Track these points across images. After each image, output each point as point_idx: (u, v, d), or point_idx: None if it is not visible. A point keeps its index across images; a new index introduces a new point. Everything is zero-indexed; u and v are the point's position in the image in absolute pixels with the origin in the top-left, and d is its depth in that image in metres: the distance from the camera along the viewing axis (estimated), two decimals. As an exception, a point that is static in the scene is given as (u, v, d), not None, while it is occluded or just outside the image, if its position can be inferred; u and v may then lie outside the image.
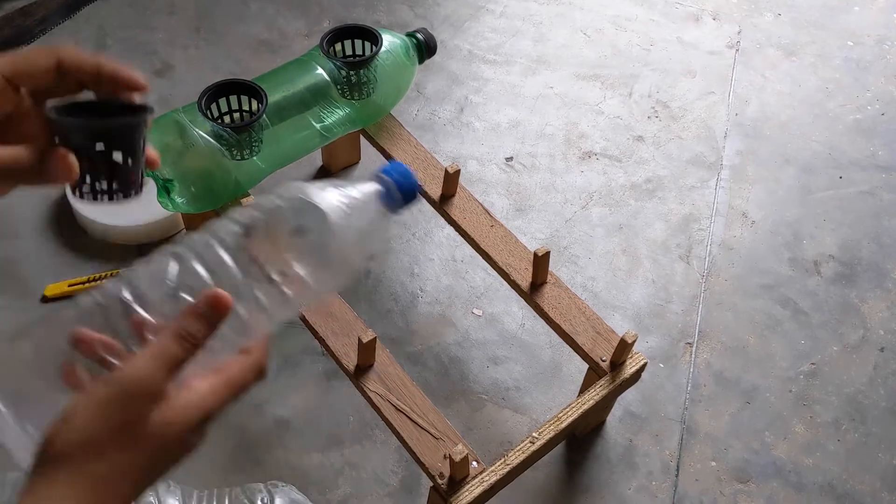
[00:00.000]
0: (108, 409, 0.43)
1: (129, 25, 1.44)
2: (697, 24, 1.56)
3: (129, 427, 0.43)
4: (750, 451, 1.04)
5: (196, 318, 0.46)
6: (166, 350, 0.44)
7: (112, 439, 0.43)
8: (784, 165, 1.35)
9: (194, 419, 0.46)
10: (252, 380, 0.49)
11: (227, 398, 0.47)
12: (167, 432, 0.45)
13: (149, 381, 0.43)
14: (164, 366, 0.44)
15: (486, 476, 0.82)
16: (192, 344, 0.45)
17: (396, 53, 1.05)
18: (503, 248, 1.00)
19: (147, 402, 0.44)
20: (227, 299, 0.46)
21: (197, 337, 0.45)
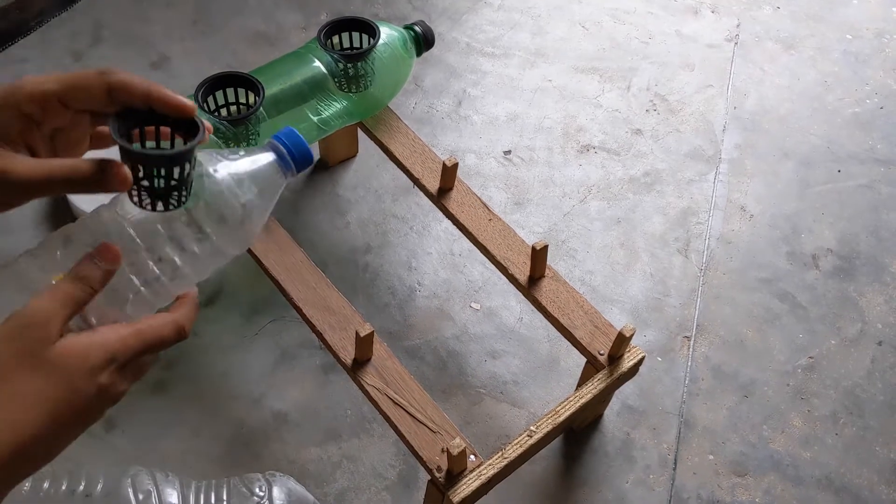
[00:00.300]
0: (6, 336, 0.47)
1: (126, 18, 1.44)
2: (696, 17, 1.56)
3: (26, 352, 0.47)
4: (748, 444, 1.04)
5: (89, 264, 0.51)
6: (61, 288, 0.50)
7: (14, 364, 0.47)
8: (782, 159, 1.35)
9: (99, 358, 0.49)
10: (168, 334, 0.53)
11: (135, 345, 0.51)
12: (69, 365, 0.48)
13: (43, 313, 0.48)
14: (58, 302, 0.49)
15: (483, 469, 0.82)
16: (87, 285, 0.50)
17: (394, 46, 1.05)
18: (501, 242, 1.00)
19: (41, 329, 0.48)
20: (115, 249, 0.52)
21: (90, 279, 0.50)
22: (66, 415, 0.48)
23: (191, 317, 0.55)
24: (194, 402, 1.03)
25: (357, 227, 1.21)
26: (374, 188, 1.26)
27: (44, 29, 1.41)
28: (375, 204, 1.24)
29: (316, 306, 0.93)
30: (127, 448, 0.98)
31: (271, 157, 0.58)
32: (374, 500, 0.97)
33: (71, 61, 1.37)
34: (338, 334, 0.91)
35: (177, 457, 0.98)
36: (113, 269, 0.52)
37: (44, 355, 0.47)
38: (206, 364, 1.06)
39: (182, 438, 1.00)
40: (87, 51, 1.38)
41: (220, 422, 1.02)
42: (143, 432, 0.99)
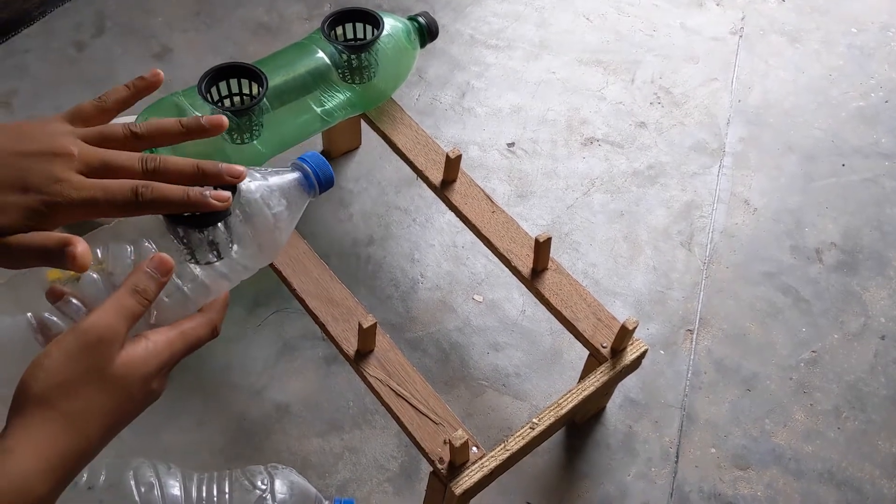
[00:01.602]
0: (75, 354, 0.49)
1: (128, 8, 1.43)
2: (701, 10, 1.55)
3: (95, 369, 0.49)
4: (750, 438, 1.04)
5: (145, 276, 0.53)
6: (122, 302, 0.51)
7: (81, 380, 0.49)
8: (786, 153, 1.35)
9: (153, 366, 0.52)
10: (204, 334, 0.57)
11: (181, 349, 0.55)
12: (130, 377, 0.51)
13: (109, 329, 0.50)
14: (120, 316, 0.51)
15: (485, 461, 0.82)
16: (143, 297, 0.52)
17: (398, 37, 1.04)
18: (504, 234, 1.00)
19: (108, 346, 0.50)
20: (170, 261, 0.54)
21: (147, 292, 0.52)
22: (121, 421, 0.52)
23: (223, 315, 0.58)
24: (197, 393, 1.03)
25: (360, 219, 1.21)
26: (377, 180, 1.25)
27: (46, 19, 1.40)
28: (378, 196, 1.24)
29: (319, 298, 0.92)
30: (130, 439, 0.98)
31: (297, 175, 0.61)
32: (377, 492, 0.97)
33: (74, 52, 1.36)
34: (340, 326, 0.90)
35: (179, 448, 0.99)
36: (167, 280, 0.54)
37: (110, 372, 0.50)
38: (208, 355, 1.06)
39: (184, 429, 1.00)
40: (90, 41, 1.38)
41: (223, 413, 1.02)
42: (146, 423, 0.99)
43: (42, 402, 0.48)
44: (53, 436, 0.47)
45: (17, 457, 0.46)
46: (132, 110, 1.33)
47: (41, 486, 0.46)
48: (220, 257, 0.58)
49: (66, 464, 0.48)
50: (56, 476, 0.47)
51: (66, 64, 1.35)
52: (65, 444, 0.48)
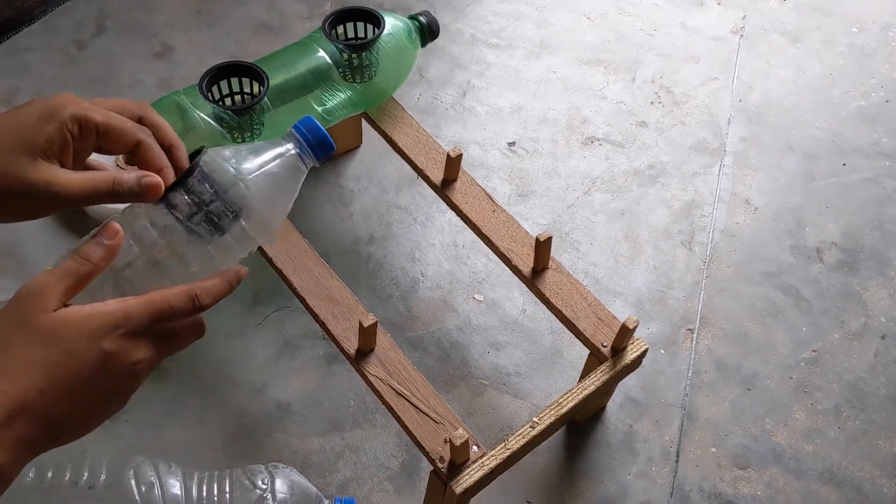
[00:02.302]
0: (8, 310, 0.50)
1: (129, 7, 1.44)
2: (702, 9, 1.55)
3: (22, 321, 0.49)
4: (750, 437, 1.04)
5: (91, 241, 0.53)
6: (62, 264, 0.52)
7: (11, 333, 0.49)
8: (787, 152, 1.35)
9: (95, 322, 0.50)
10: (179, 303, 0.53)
11: (142, 311, 0.52)
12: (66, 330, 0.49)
13: (39, 284, 0.50)
14: (58, 276, 0.51)
15: (486, 460, 0.82)
16: (86, 260, 0.52)
17: (399, 36, 1.04)
18: (505, 234, 1.00)
19: (37, 299, 0.49)
20: (116, 226, 0.54)
21: (90, 256, 0.52)
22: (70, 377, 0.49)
23: (210, 289, 0.55)
24: (197, 391, 1.03)
25: (360, 218, 1.21)
26: (378, 179, 1.25)
27: (48, 18, 1.40)
28: (379, 195, 1.24)
29: (319, 296, 0.93)
30: (130, 437, 0.98)
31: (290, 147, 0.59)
32: (377, 491, 0.97)
33: (75, 51, 1.36)
34: (341, 324, 0.91)
35: (179, 446, 0.99)
36: (114, 244, 0.53)
37: (39, 322, 0.49)
38: (208, 353, 1.06)
39: (185, 427, 1.00)
40: (91, 40, 1.38)
41: (223, 411, 1.02)
42: (146, 421, 1.00)
43: None
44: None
45: None
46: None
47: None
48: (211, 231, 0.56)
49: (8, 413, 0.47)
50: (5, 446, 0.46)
51: (68, 62, 1.35)
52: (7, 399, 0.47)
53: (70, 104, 0.55)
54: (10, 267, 1.11)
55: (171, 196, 0.56)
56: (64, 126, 0.54)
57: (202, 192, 0.56)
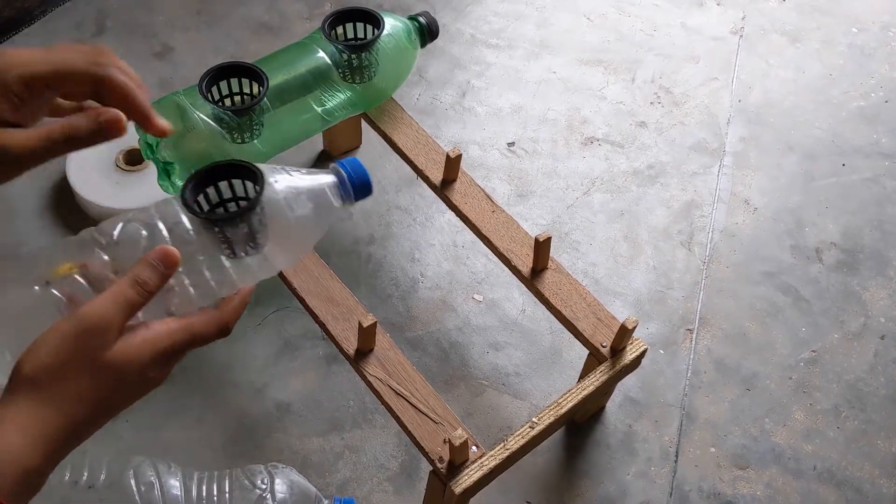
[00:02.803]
0: (68, 340, 0.50)
1: (129, 7, 1.44)
2: (701, 9, 1.55)
3: (86, 356, 0.50)
4: (749, 437, 1.05)
5: (148, 267, 0.53)
6: (121, 292, 0.52)
7: (70, 366, 0.50)
8: (787, 152, 1.35)
9: (148, 355, 0.52)
10: (211, 332, 0.56)
11: (183, 341, 0.54)
12: (123, 365, 0.51)
13: (104, 318, 0.51)
14: (118, 306, 0.51)
15: (485, 461, 0.82)
16: (144, 290, 0.52)
17: (398, 37, 1.04)
18: (504, 234, 1.00)
19: (102, 335, 0.50)
20: (175, 254, 0.54)
21: (148, 284, 0.53)
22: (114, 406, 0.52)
23: (236, 316, 0.57)
24: (197, 391, 1.03)
25: (360, 218, 1.21)
26: (378, 179, 1.26)
27: (47, 18, 1.40)
28: (379, 195, 1.24)
29: (319, 297, 0.93)
30: (130, 437, 0.98)
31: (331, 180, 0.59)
32: (376, 491, 0.97)
33: (75, 51, 1.36)
34: (340, 325, 0.91)
35: (179, 446, 0.99)
36: (171, 273, 0.54)
37: (102, 360, 0.50)
38: (209, 354, 1.06)
39: (185, 428, 1.00)
40: (91, 40, 1.38)
41: (223, 412, 1.02)
42: (146, 421, 1.00)
43: (31, 384, 0.49)
44: (40, 416, 0.49)
45: (6, 434, 0.48)
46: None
47: (30, 460, 0.48)
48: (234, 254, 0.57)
49: (54, 441, 0.49)
50: (44, 451, 0.49)
51: (67, 63, 1.35)
52: (51, 424, 0.49)
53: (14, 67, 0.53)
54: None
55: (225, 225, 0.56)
56: (9, 90, 0.53)
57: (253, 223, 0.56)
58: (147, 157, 0.95)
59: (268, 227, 0.56)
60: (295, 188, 0.57)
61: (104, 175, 1.16)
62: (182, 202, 0.56)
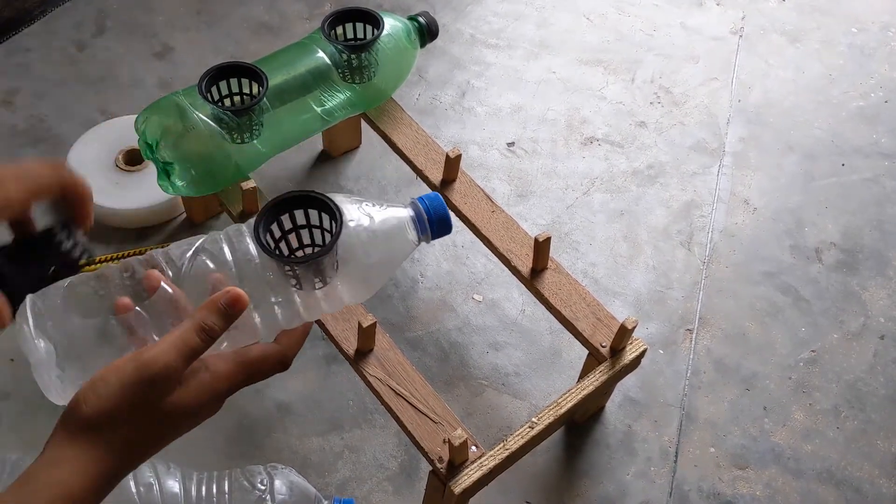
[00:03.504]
0: (130, 387, 0.49)
1: (129, 7, 1.44)
2: (701, 10, 1.55)
3: (146, 406, 0.50)
4: (749, 437, 1.05)
5: (216, 312, 0.52)
6: (186, 340, 0.51)
7: (130, 414, 0.50)
8: (787, 152, 1.35)
9: (206, 397, 0.53)
10: (271, 368, 0.56)
11: (241, 381, 0.55)
12: (181, 413, 0.52)
13: (168, 367, 0.50)
14: (182, 354, 0.51)
15: (485, 460, 0.82)
16: (209, 335, 0.52)
17: (398, 37, 1.05)
18: (504, 234, 1.00)
19: (164, 385, 0.50)
20: (245, 299, 0.53)
21: (214, 330, 0.52)
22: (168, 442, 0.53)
23: (297, 349, 0.57)
24: (197, 391, 1.03)
25: (360, 219, 1.21)
26: (378, 179, 1.26)
27: (47, 18, 1.40)
28: (378, 195, 1.24)
29: (318, 297, 0.93)
30: (130, 437, 0.98)
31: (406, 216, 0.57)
32: (376, 491, 0.97)
33: (75, 51, 1.36)
34: (340, 325, 0.91)
35: (178, 447, 0.98)
36: (237, 316, 0.53)
37: (162, 409, 0.51)
38: (208, 354, 1.06)
39: (185, 428, 1.00)
40: (91, 40, 1.38)
41: (223, 412, 1.01)
42: (146, 422, 1.00)
43: (90, 427, 0.49)
44: (98, 459, 0.49)
45: (63, 471, 0.48)
46: (132, 110, 1.34)
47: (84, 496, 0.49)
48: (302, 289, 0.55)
49: (108, 481, 0.50)
50: (95, 490, 0.49)
51: (67, 63, 1.35)
52: (107, 466, 0.50)
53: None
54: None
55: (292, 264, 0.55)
56: None
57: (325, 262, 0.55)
58: (147, 157, 0.95)
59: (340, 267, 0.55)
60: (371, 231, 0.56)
61: (104, 175, 1.16)
62: (255, 239, 0.55)
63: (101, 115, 1.27)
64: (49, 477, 0.48)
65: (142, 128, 0.94)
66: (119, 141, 1.20)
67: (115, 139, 1.20)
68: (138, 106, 1.01)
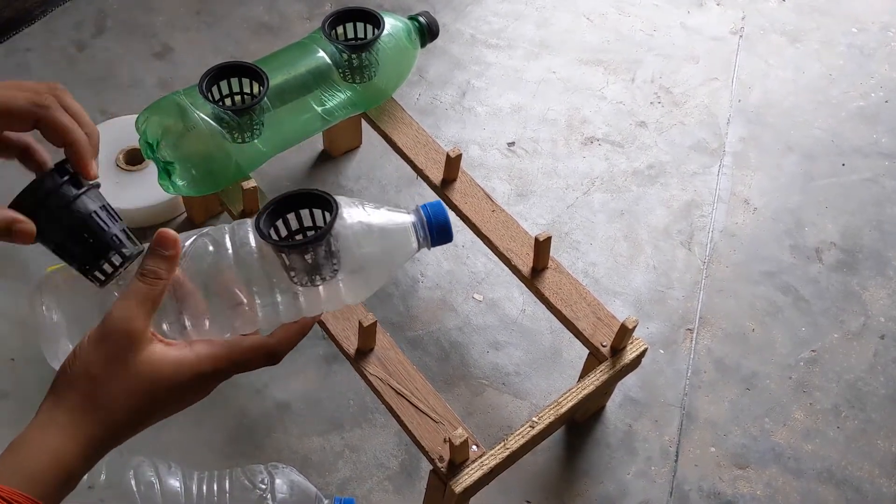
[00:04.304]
0: (98, 342, 0.51)
1: (129, 7, 1.44)
2: (701, 10, 1.55)
3: (118, 361, 0.51)
4: (749, 437, 1.05)
5: (150, 255, 0.53)
6: (134, 288, 0.53)
7: (106, 370, 0.51)
8: (786, 152, 1.35)
9: (186, 376, 0.53)
10: (258, 359, 0.55)
11: (226, 367, 0.54)
12: (155, 373, 0.52)
13: (125, 317, 0.51)
14: (135, 301, 0.52)
15: (485, 460, 0.82)
16: (154, 277, 0.53)
17: (398, 37, 1.05)
18: (504, 234, 1.00)
19: (127, 335, 0.51)
20: (172, 235, 0.53)
21: (157, 272, 0.53)
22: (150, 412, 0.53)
23: (288, 345, 0.57)
24: (197, 391, 1.03)
25: (360, 218, 1.21)
26: (378, 179, 1.26)
27: (47, 18, 1.40)
28: (379, 194, 1.24)
29: (319, 296, 0.93)
30: (130, 437, 0.98)
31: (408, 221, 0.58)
32: (377, 490, 0.97)
33: (75, 51, 1.36)
34: (341, 324, 0.91)
35: (179, 446, 0.99)
36: (175, 254, 0.54)
37: (131, 362, 0.52)
38: (209, 354, 1.06)
39: (184, 428, 1.00)
40: (91, 40, 1.38)
41: (223, 411, 1.02)
42: (147, 421, 1.00)
43: (70, 388, 0.51)
44: (79, 420, 0.50)
45: (51, 435, 0.50)
46: (132, 110, 1.34)
47: (73, 461, 0.50)
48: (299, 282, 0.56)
49: (93, 444, 0.51)
50: (84, 454, 0.50)
51: (67, 63, 1.35)
52: (90, 428, 0.51)
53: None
54: (10, 269, 1.11)
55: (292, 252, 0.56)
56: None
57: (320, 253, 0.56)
58: (148, 156, 0.95)
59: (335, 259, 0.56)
60: (367, 224, 0.57)
61: (104, 175, 1.16)
62: (255, 226, 0.56)
63: (102, 115, 1.27)
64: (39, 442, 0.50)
65: (142, 127, 0.94)
66: (119, 141, 1.20)
67: (115, 139, 1.20)
68: (138, 106, 1.01)
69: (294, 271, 0.56)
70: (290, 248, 0.55)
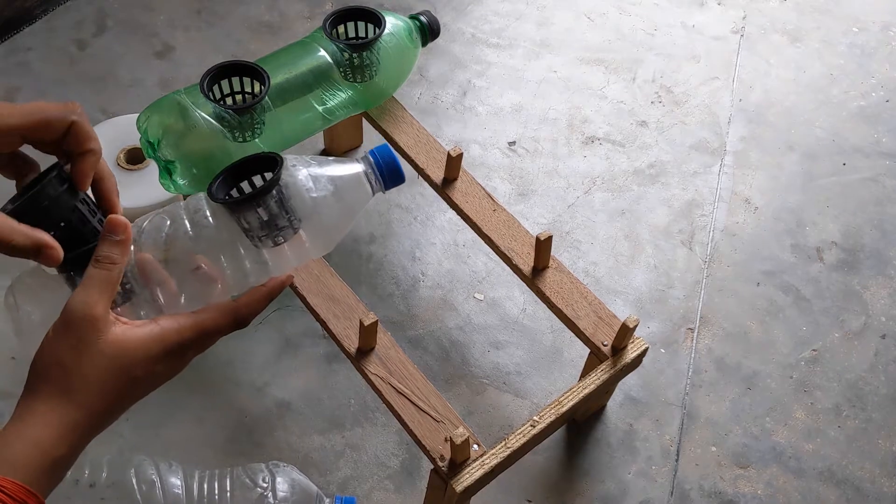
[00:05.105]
0: (61, 330, 0.52)
1: (130, 6, 1.44)
2: (702, 9, 1.55)
3: (81, 343, 0.52)
4: (750, 436, 1.05)
5: (103, 241, 0.54)
6: (90, 276, 0.53)
7: (72, 356, 0.52)
8: (787, 152, 1.35)
9: (154, 350, 0.54)
10: (224, 323, 0.56)
11: (193, 335, 0.55)
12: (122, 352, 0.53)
13: (85, 304, 0.52)
14: (92, 289, 0.53)
15: (486, 459, 0.82)
16: (110, 263, 0.54)
17: (399, 36, 1.05)
18: (505, 233, 1.00)
19: (89, 322, 0.52)
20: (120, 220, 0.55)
21: (110, 257, 0.54)
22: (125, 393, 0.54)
23: (254, 308, 0.58)
24: (198, 390, 1.03)
25: (361, 217, 1.21)
26: (379, 178, 1.25)
27: (48, 17, 1.40)
28: (379, 194, 1.24)
29: (320, 295, 0.93)
30: (131, 435, 0.98)
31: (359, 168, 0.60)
32: (377, 489, 0.98)
33: (75, 50, 1.36)
34: (341, 323, 0.91)
35: (180, 445, 0.99)
36: (126, 237, 0.55)
37: (97, 346, 0.52)
38: (210, 353, 1.05)
39: (185, 426, 1.00)
40: (92, 40, 1.38)
41: (224, 410, 1.02)
42: (147, 420, 1.00)
43: (44, 378, 0.52)
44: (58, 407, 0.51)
45: (29, 425, 0.51)
46: (133, 109, 1.34)
47: (55, 450, 0.51)
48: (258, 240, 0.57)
49: (76, 431, 0.52)
50: (68, 441, 0.51)
51: (68, 62, 1.35)
52: (70, 415, 0.51)
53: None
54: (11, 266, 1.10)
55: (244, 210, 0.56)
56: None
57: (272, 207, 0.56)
58: (148, 155, 0.95)
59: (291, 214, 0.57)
60: (315, 173, 0.58)
61: (105, 174, 1.16)
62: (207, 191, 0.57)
63: (102, 115, 1.27)
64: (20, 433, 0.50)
65: (143, 126, 0.94)
66: (120, 140, 1.20)
67: (116, 138, 1.20)
68: (139, 105, 1.01)
69: (252, 231, 0.56)
70: (239, 204, 0.56)
